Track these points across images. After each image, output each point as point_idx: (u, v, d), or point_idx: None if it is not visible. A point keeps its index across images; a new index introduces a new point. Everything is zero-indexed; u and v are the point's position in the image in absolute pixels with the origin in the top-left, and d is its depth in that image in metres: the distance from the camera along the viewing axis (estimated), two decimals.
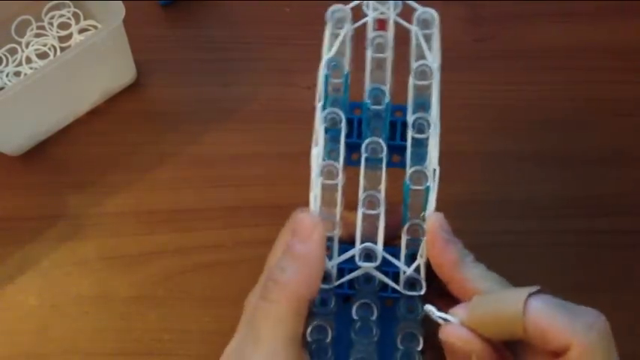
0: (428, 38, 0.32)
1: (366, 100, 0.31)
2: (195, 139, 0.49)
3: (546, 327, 0.25)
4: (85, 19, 0.53)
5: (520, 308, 0.25)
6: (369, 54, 0.32)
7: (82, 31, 0.53)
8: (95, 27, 0.53)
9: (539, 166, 0.48)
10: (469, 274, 0.28)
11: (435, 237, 0.29)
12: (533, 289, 0.26)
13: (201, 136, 0.49)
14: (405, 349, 0.30)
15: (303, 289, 0.28)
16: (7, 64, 0.51)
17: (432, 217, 0.29)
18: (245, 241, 0.45)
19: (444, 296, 0.30)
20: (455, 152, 0.48)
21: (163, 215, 0.46)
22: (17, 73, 0.51)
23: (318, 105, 0.31)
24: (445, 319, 0.27)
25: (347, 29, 0.32)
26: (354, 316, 0.30)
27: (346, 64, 0.32)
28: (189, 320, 0.43)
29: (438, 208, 0.30)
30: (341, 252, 0.31)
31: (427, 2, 0.33)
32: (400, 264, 0.30)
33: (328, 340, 0.30)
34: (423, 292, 0.30)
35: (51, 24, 0.52)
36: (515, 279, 0.28)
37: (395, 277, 0.31)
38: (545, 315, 0.25)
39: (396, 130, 0.32)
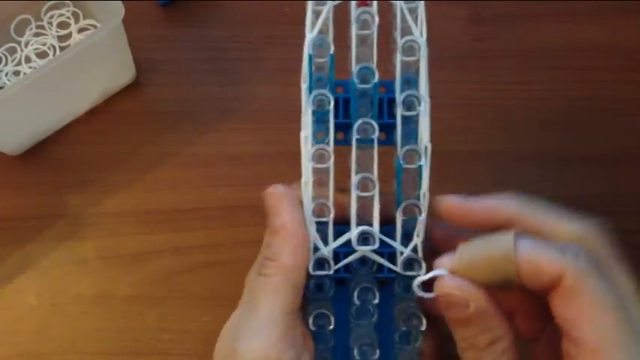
0: (413, 11, 0.31)
1: (354, 79, 0.30)
2: (195, 138, 0.49)
3: (539, 260, 0.25)
4: (84, 18, 0.53)
5: (511, 246, 0.26)
6: (354, 31, 0.31)
7: (81, 30, 0.53)
8: (94, 26, 0.52)
9: (538, 166, 0.48)
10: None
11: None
12: (517, 230, 0.26)
13: (201, 135, 0.49)
14: (405, 330, 0.30)
15: (293, 259, 0.29)
16: (6, 64, 0.51)
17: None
18: (244, 240, 0.45)
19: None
20: (454, 152, 0.48)
21: (163, 215, 0.46)
22: (16, 73, 0.51)
23: (304, 86, 0.31)
24: (435, 276, 0.28)
25: (329, 5, 0.31)
26: (356, 301, 0.30)
27: (331, 43, 0.31)
28: (188, 320, 0.43)
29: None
30: (335, 235, 0.30)
31: (427, 2, 0.33)
32: (397, 245, 0.30)
33: (331, 327, 0.30)
34: (422, 272, 0.30)
35: (50, 23, 0.52)
36: None
37: (390, 257, 0.31)
38: (535, 249, 0.26)
39: (382, 108, 0.32)
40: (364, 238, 0.30)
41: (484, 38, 0.52)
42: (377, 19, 0.31)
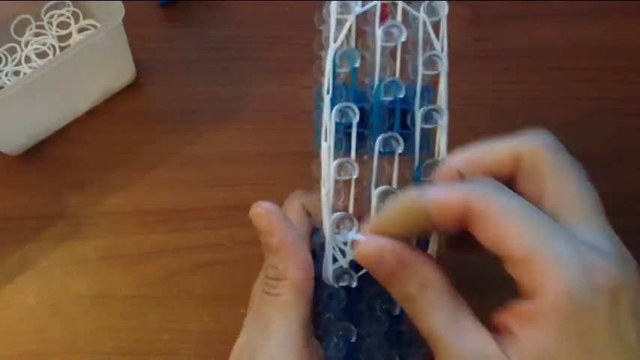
0: (435, 27, 0.31)
1: (380, 90, 0.31)
2: (195, 138, 0.49)
3: (442, 198, 0.26)
4: (84, 18, 0.53)
5: (416, 195, 0.26)
6: (379, 42, 0.31)
7: (81, 30, 0.53)
8: (94, 26, 0.52)
9: None
10: None
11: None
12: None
13: (201, 135, 0.49)
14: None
15: (301, 273, 0.29)
16: (6, 64, 0.51)
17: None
18: (244, 240, 0.45)
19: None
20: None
21: (163, 215, 0.46)
22: (16, 73, 0.51)
23: (327, 97, 0.31)
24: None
25: (353, 15, 0.31)
26: (365, 311, 0.30)
27: (358, 55, 0.31)
28: (188, 320, 0.43)
29: None
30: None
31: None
32: None
33: (340, 333, 0.30)
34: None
35: (50, 23, 0.52)
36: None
37: None
38: (438, 191, 0.26)
39: (401, 119, 0.32)
40: None
41: (484, 38, 0.52)
42: (405, 31, 0.31)
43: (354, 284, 0.30)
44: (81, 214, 0.46)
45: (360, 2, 0.31)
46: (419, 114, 0.31)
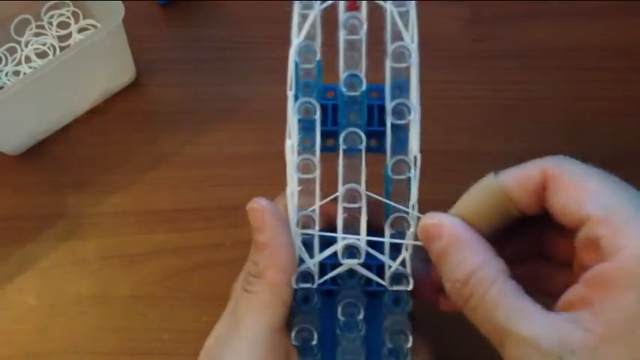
0: (403, 16, 0.30)
1: (341, 86, 0.30)
2: (195, 138, 0.49)
3: (519, 175, 0.27)
4: (84, 18, 0.53)
5: (493, 179, 0.27)
6: (342, 36, 0.30)
7: (81, 30, 0.53)
8: (94, 26, 0.52)
9: None
10: None
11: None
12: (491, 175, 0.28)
13: (201, 135, 0.49)
14: (393, 346, 0.30)
15: (280, 275, 0.28)
16: (6, 64, 0.51)
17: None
18: (244, 240, 0.44)
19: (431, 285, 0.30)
20: (454, 152, 0.48)
21: (163, 215, 0.46)
22: (16, 73, 0.51)
23: (290, 94, 0.30)
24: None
25: (316, 10, 0.30)
26: (340, 317, 0.30)
27: (317, 49, 0.30)
28: (188, 320, 0.43)
29: (437, 209, 0.30)
30: (322, 246, 0.30)
31: (426, 2, 0.33)
32: (385, 258, 0.30)
33: (314, 342, 0.29)
34: (410, 288, 0.29)
35: (50, 23, 0.52)
36: None
37: (379, 269, 0.30)
38: (513, 170, 0.27)
39: (373, 115, 0.31)
40: (351, 251, 0.29)
41: (484, 38, 0.52)
42: (365, 24, 0.30)
43: (315, 286, 0.30)
44: (81, 214, 0.46)
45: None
46: (388, 109, 0.29)
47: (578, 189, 0.25)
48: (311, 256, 0.30)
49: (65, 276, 0.44)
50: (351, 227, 0.30)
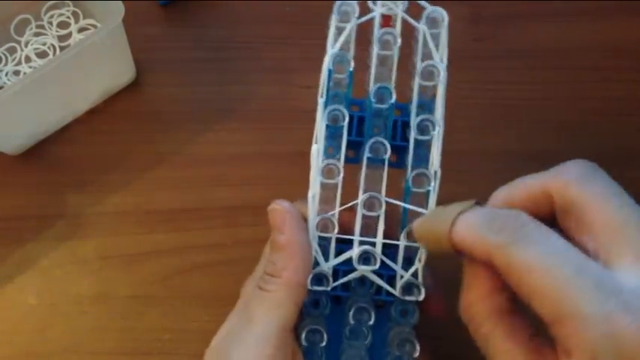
0: (435, 38, 0.31)
1: (371, 97, 0.31)
2: (195, 138, 0.49)
3: (468, 242, 0.25)
4: (84, 18, 0.53)
5: (447, 226, 0.26)
6: (375, 50, 0.31)
7: (81, 30, 0.53)
8: (94, 26, 0.52)
9: (538, 166, 0.47)
10: None
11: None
12: (468, 204, 0.27)
13: (201, 135, 0.49)
14: (398, 355, 0.30)
15: (296, 276, 0.29)
16: (6, 64, 0.51)
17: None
18: (244, 240, 0.45)
19: (441, 299, 0.31)
20: (454, 152, 0.47)
21: (163, 215, 0.46)
22: (16, 72, 0.51)
23: (320, 101, 0.31)
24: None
25: (353, 23, 0.31)
26: (351, 321, 0.30)
27: (351, 60, 0.31)
28: (188, 319, 0.43)
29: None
30: (337, 252, 0.30)
31: (426, 2, 0.33)
32: (398, 268, 0.30)
33: (323, 344, 0.30)
34: (421, 298, 0.30)
35: (50, 23, 0.52)
36: None
37: (390, 279, 0.31)
38: (468, 231, 0.25)
39: (396, 130, 0.32)
40: (366, 258, 0.30)
41: (484, 38, 0.52)
42: (399, 40, 0.31)
43: (329, 289, 0.30)
44: (81, 214, 0.46)
45: (357, 10, 0.31)
46: (412, 124, 0.30)
47: (526, 284, 0.23)
48: (327, 260, 0.30)
49: (65, 276, 0.44)
50: (368, 236, 0.30)
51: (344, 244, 0.31)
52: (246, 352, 0.28)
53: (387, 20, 0.32)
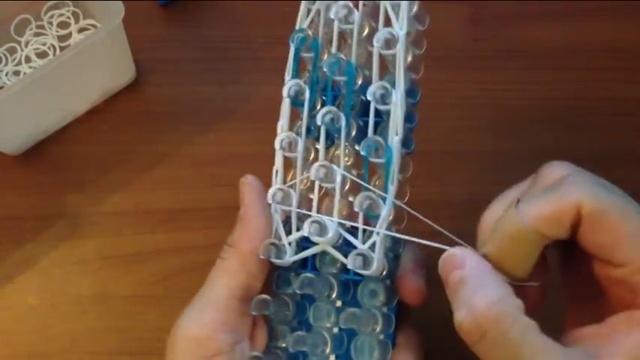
0: (397, 9, 0.30)
1: (324, 68, 0.30)
2: (195, 138, 0.49)
3: (546, 213, 0.25)
4: (84, 18, 0.53)
5: (517, 220, 0.25)
6: (335, 26, 0.30)
7: (81, 30, 0.53)
8: (95, 26, 0.52)
9: (538, 166, 0.47)
10: None
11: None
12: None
13: (201, 135, 0.49)
14: (362, 334, 0.29)
15: (246, 245, 0.30)
16: (6, 64, 0.51)
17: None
18: None
19: (415, 282, 0.30)
20: (454, 152, 0.48)
21: (163, 214, 0.46)
22: (16, 73, 0.51)
23: (287, 78, 0.31)
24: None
25: (320, 4, 0.31)
26: (297, 290, 0.30)
27: (314, 37, 0.31)
28: None
29: (437, 209, 0.30)
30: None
31: (427, 1, 0.33)
32: (354, 240, 0.29)
33: (280, 316, 0.30)
34: (373, 271, 0.28)
35: (50, 23, 0.52)
36: None
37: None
38: (537, 207, 0.25)
39: (367, 109, 0.30)
40: (324, 230, 0.29)
41: (484, 38, 0.52)
42: (359, 16, 0.30)
43: (284, 261, 0.30)
44: (81, 214, 0.46)
45: None
46: (369, 93, 0.29)
47: (618, 230, 0.24)
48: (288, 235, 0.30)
49: (65, 276, 0.44)
50: (328, 210, 0.30)
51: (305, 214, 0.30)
52: (193, 315, 0.29)
53: (356, 5, 0.31)
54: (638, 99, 0.50)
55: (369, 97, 0.29)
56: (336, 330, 0.30)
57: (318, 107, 0.31)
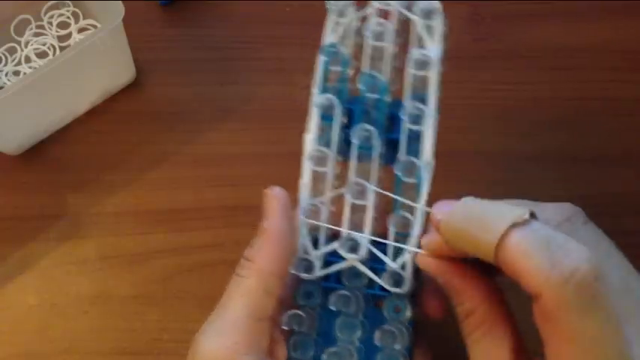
0: (430, 29, 0.31)
1: (359, 85, 0.30)
2: (194, 138, 0.49)
3: (519, 269, 0.22)
4: (84, 18, 0.53)
5: (495, 240, 0.22)
6: (368, 42, 0.31)
7: (81, 30, 0.53)
8: (94, 26, 0.52)
9: (538, 166, 0.48)
10: None
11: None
12: (522, 215, 0.23)
13: (200, 135, 0.49)
14: (386, 349, 0.29)
15: (269, 265, 0.28)
16: (6, 64, 0.51)
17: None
18: (244, 240, 0.44)
19: (438, 297, 0.30)
20: (454, 152, 0.48)
21: (163, 215, 0.46)
22: (16, 73, 0.51)
23: (315, 91, 0.31)
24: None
25: (350, 19, 0.31)
26: (331, 306, 0.30)
27: (345, 52, 0.31)
28: (188, 320, 0.43)
29: None
30: (328, 244, 0.30)
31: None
32: (386, 258, 0.29)
33: (306, 326, 0.29)
34: (406, 290, 0.29)
35: (50, 23, 0.52)
36: None
37: (382, 274, 0.30)
38: (522, 254, 0.22)
39: (397, 124, 0.31)
40: (355, 249, 0.29)
41: (484, 38, 0.52)
42: (392, 33, 0.31)
43: (314, 277, 0.30)
44: (81, 214, 0.46)
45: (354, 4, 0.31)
46: (404, 113, 0.30)
47: (556, 340, 0.22)
48: (317, 249, 0.30)
49: (65, 276, 0.44)
50: (360, 230, 0.30)
51: (335, 229, 0.30)
52: (214, 338, 0.28)
53: (385, 16, 0.31)
54: (638, 99, 0.50)
55: (402, 117, 0.30)
56: (358, 344, 0.30)
57: (337, 112, 0.30)
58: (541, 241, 0.22)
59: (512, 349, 0.24)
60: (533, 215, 0.23)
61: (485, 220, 0.23)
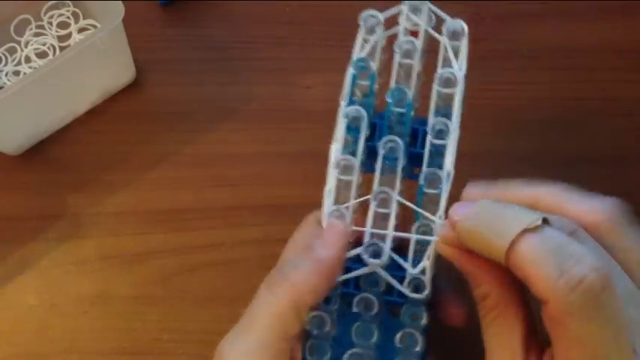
0: (455, 49, 0.33)
1: (388, 98, 0.31)
2: (195, 138, 0.49)
3: (528, 274, 0.23)
4: (84, 18, 0.53)
5: (506, 245, 0.23)
6: (397, 59, 0.32)
7: (81, 30, 0.53)
8: (94, 26, 0.52)
9: (538, 166, 0.48)
10: None
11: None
12: (535, 221, 0.23)
13: (201, 135, 0.49)
14: (402, 355, 0.30)
15: (309, 293, 0.28)
16: (6, 64, 0.51)
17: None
18: (244, 240, 0.45)
19: (459, 305, 0.31)
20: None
21: (163, 215, 0.46)
22: (16, 73, 0.51)
23: (342, 103, 0.32)
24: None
25: (378, 36, 0.32)
26: (354, 309, 0.30)
27: (374, 67, 0.32)
28: (188, 320, 0.43)
29: None
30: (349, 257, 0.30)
31: (430, 2, 0.33)
32: (406, 264, 0.30)
33: (327, 329, 0.30)
34: (425, 295, 0.30)
35: (50, 23, 0.52)
36: None
37: (401, 281, 0.30)
38: (531, 261, 0.23)
39: (418, 139, 0.32)
40: (376, 255, 0.30)
41: (484, 38, 0.52)
42: (419, 47, 0.32)
43: (337, 280, 0.30)
44: (81, 214, 0.46)
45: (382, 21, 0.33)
46: (429, 127, 0.31)
47: (561, 345, 0.23)
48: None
49: (65, 276, 0.44)
50: (382, 237, 0.30)
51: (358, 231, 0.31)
52: (242, 357, 0.27)
53: (414, 33, 0.33)
54: (638, 99, 0.50)
55: (428, 131, 0.31)
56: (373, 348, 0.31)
57: (364, 123, 0.32)
58: (551, 248, 0.23)
59: (523, 334, 0.25)
60: (545, 221, 0.24)
61: (498, 224, 0.24)
